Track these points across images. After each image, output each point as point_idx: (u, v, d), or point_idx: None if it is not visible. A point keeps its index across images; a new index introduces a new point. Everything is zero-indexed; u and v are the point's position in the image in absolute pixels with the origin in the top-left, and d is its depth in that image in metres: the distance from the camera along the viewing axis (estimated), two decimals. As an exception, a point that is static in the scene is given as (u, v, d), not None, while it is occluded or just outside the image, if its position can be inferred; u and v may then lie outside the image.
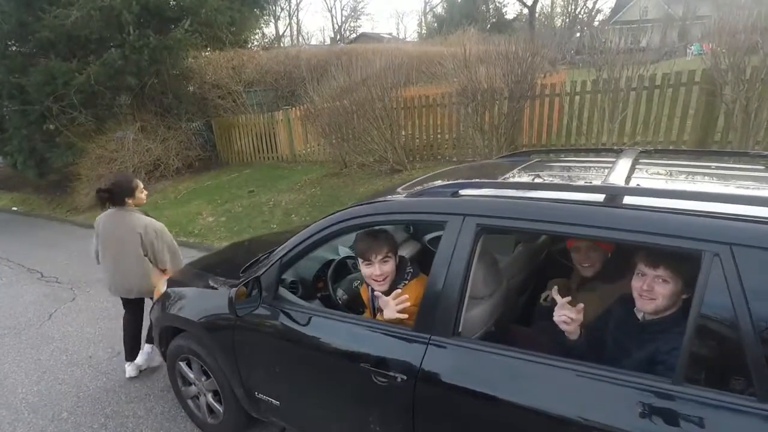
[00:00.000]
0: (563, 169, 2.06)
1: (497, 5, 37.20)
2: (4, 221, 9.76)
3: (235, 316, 1.92)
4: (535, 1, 32.42)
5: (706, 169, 1.84)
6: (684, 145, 5.67)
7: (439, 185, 1.71)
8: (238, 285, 1.97)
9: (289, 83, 11.24)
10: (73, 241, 7.36)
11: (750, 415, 1.10)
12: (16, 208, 10.86)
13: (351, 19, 43.98)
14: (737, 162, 2.04)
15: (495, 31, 20.96)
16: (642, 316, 1.57)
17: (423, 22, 43.96)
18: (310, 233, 1.93)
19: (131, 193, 2.91)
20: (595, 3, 39.10)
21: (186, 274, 2.79)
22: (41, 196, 11.09)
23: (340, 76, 7.67)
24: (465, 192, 1.65)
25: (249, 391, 2.21)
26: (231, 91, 10.72)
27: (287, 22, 35.82)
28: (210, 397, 2.52)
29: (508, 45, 6.17)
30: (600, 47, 6.08)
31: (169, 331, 2.63)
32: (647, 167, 1.83)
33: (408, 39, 40.60)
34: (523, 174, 1.93)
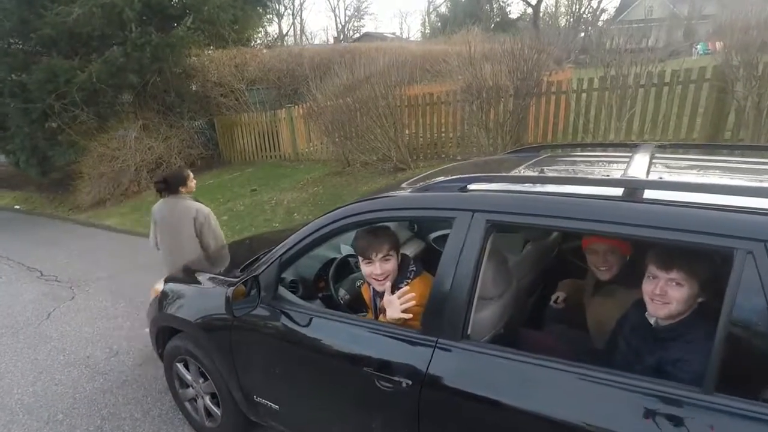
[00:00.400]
0: (576, 164, 1.96)
1: (501, 4, 37.06)
2: (5, 220, 9.72)
3: (232, 317, 1.84)
4: (539, 1, 32.28)
5: (729, 163, 1.74)
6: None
7: (447, 180, 1.62)
8: (235, 284, 1.89)
9: (291, 81, 11.17)
10: (74, 240, 7.31)
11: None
12: (18, 207, 10.83)
13: (354, 18, 43.99)
14: (760, 156, 1.93)
15: (499, 31, 20.84)
16: (654, 321, 1.48)
17: (426, 22, 43.90)
18: (311, 230, 1.84)
19: (184, 182, 3.19)
20: (599, 2, 38.82)
21: (184, 273, 2.71)
22: (43, 195, 11.06)
23: (343, 74, 7.59)
24: (474, 187, 1.56)
25: (247, 395, 2.13)
26: (233, 89, 10.67)
27: (290, 22, 35.83)
28: (208, 400, 2.44)
29: (514, 42, 6.08)
30: (608, 44, 5.97)
31: (166, 331, 2.56)
32: (666, 161, 1.73)
33: (411, 39, 40.49)
34: (535, 169, 1.84)
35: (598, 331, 1.88)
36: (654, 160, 1.64)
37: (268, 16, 14.54)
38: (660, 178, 1.34)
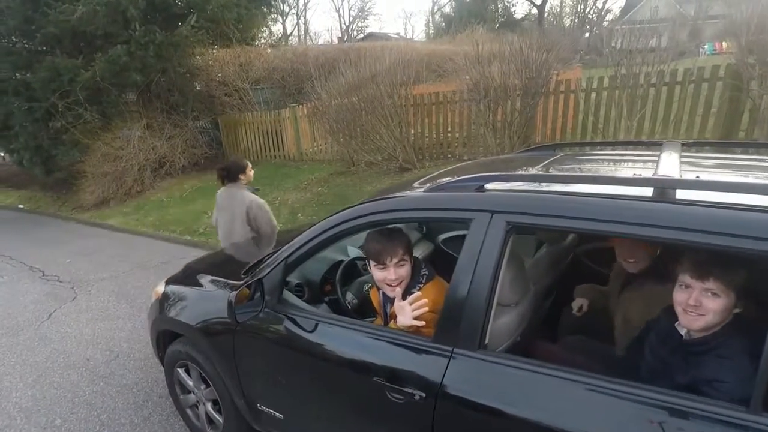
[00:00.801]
0: (597, 163, 1.85)
1: (506, 4, 36.97)
2: (9, 219, 9.70)
3: (235, 322, 1.75)
4: (544, 1, 32.15)
5: (763, 161, 1.64)
6: (707, 143, 5.43)
7: (462, 179, 1.52)
8: (238, 288, 1.80)
9: (296, 81, 11.09)
10: (77, 240, 7.26)
11: None
12: (21, 206, 10.81)
13: (358, 19, 43.94)
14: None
15: (503, 31, 20.71)
16: (685, 333, 1.38)
17: (431, 22, 43.77)
18: (318, 232, 1.75)
19: (243, 170, 3.50)
20: (604, 3, 38.58)
21: (186, 274, 2.63)
22: (47, 194, 11.04)
23: (348, 73, 7.51)
24: (491, 186, 1.46)
25: (250, 402, 2.04)
26: (238, 88, 10.60)
27: (295, 22, 35.80)
28: (209, 407, 2.36)
29: (523, 40, 5.98)
30: (619, 44, 5.85)
31: (167, 334, 2.48)
32: (696, 160, 1.63)
33: (416, 39, 40.36)
34: (554, 168, 1.74)
35: (626, 331, 1.79)
36: (683, 159, 1.54)
37: (273, 16, 14.47)
38: (697, 178, 1.23)
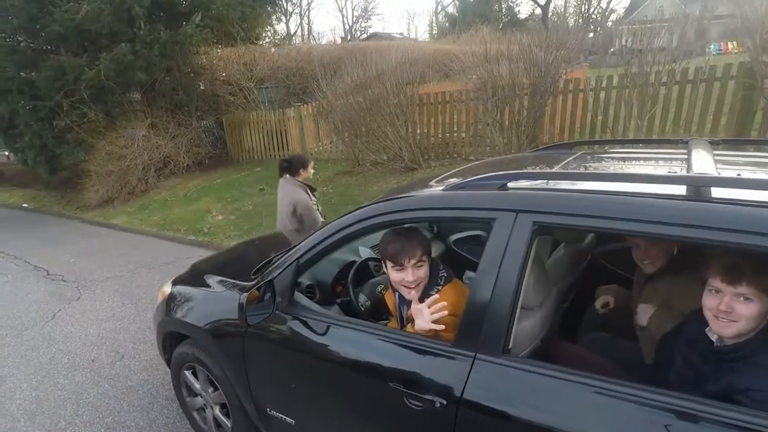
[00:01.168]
0: (622, 161, 1.79)
1: (510, 4, 36.80)
2: (13, 218, 9.68)
3: (246, 325, 1.69)
4: (548, 1, 32.01)
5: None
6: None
7: (483, 177, 1.46)
8: (249, 289, 1.74)
9: (300, 80, 11.05)
10: (81, 239, 7.23)
11: None
12: (26, 205, 10.81)
13: (362, 19, 43.83)
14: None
15: (511, 29, 20.62)
16: (716, 339, 1.32)
17: (434, 22, 43.67)
18: (333, 231, 1.69)
19: (305, 166, 3.71)
20: (608, 2, 38.38)
21: (193, 274, 2.57)
22: (51, 193, 11.04)
23: (354, 71, 7.45)
24: (515, 185, 1.40)
25: (260, 407, 1.99)
26: (242, 87, 10.57)
27: (298, 22, 35.79)
28: (217, 411, 2.30)
29: (532, 39, 5.91)
30: (629, 43, 5.77)
31: (174, 336, 2.42)
32: (729, 158, 1.56)
33: (419, 39, 40.30)
34: (576, 166, 1.67)
35: (651, 338, 1.73)
36: (716, 157, 1.47)
37: (277, 15, 14.43)
38: (738, 175, 1.17)
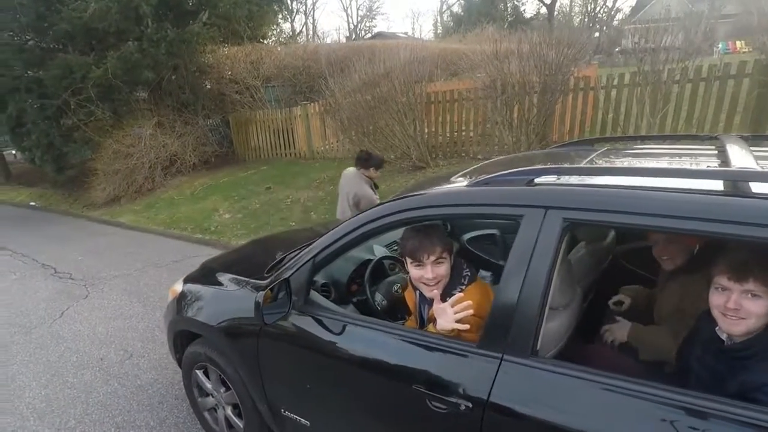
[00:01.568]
0: (652, 158, 1.73)
1: (515, 3, 36.66)
2: (21, 216, 9.71)
3: (263, 324, 1.65)
4: (553, 0, 31.85)
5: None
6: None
7: (509, 173, 1.41)
8: (264, 287, 1.70)
9: (307, 78, 11.02)
10: (88, 237, 7.23)
11: None
12: (33, 203, 10.84)
13: (366, 18, 43.82)
14: None
15: (521, 27, 20.52)
16: (726, 338, 1.28)
17: (439, 22, 43.58)
18: (350, 228, 1.65)
19: (379, 167, 3.84)
20: (615, 2, 38.08)
21: (204, 272, 2.54)
22: (59, 192, 11.06)
23: (362, 69, 7.41)
24: (542, 180, 1.35)
25: (274, 407, 1.94)
26: (249, 86, 10.55)
27: (303, 21, 35.79)
28: (229, 411, 2.26)
29: (542, 37, 5.85)
30: (642, 42, 5.69)
31: (185, 335, 2.39)
32: (765, 153, 1.50)
33: (424, 38, 40.20)
34: (603, 162, 1.62)
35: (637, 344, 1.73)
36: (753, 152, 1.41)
37: (283, 14, 14.42)
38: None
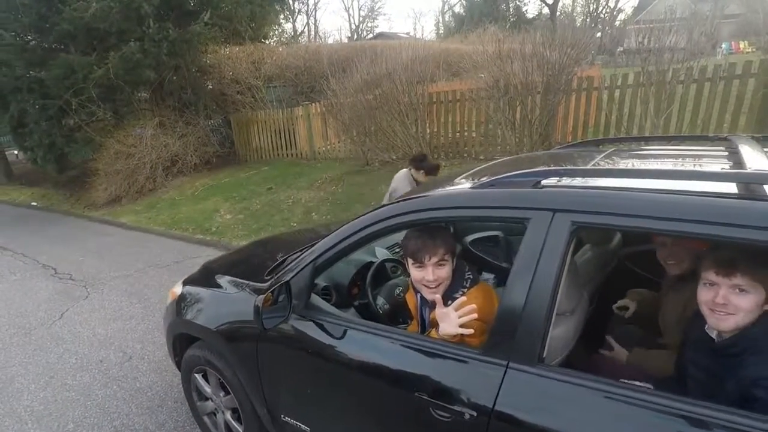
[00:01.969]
0: (662, 159, 1.69)
1: (517, 4, 36.57)
2: (22, 216, 9.69)
3: (262, 328, 1.61)
4: (556, 0, 31.78)
5: None
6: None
7: (515, 174, 1.37)
8: (265, 291, 1.67)
9: (309, 78, 10.99)
10: (89, 238, 7.21)
11: None
12: (35, 203, 10.82)
13: (368, 18, 43.76)
14: None
15: (515, 30, 20.48)
16: (716, 335, 1.26)
17: (441, 22, 43.52)
18: (353, 230, 1.61)
19: (431, 172, 3.66)
20: (616, 2, 37.94)
21: (204, 275, 2.50)
22: (60, 192, 11.05)
23: (364, 69, 7.38)
24: (549, 182, 1.32)
25: (273, 413, 1.91)
26: (250, 86, 10.52)
27: (305, 21, 35.76)
28: (228, 415, 2.23)
29: (546, 37, 5.81)
30: (646, 41, 5.64)
31: (184, 338, 2.36)
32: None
33: (426, 39, 40.15)
34: (611, 163, 1.58)
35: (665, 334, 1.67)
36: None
37: (285, 14, 14.40)
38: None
